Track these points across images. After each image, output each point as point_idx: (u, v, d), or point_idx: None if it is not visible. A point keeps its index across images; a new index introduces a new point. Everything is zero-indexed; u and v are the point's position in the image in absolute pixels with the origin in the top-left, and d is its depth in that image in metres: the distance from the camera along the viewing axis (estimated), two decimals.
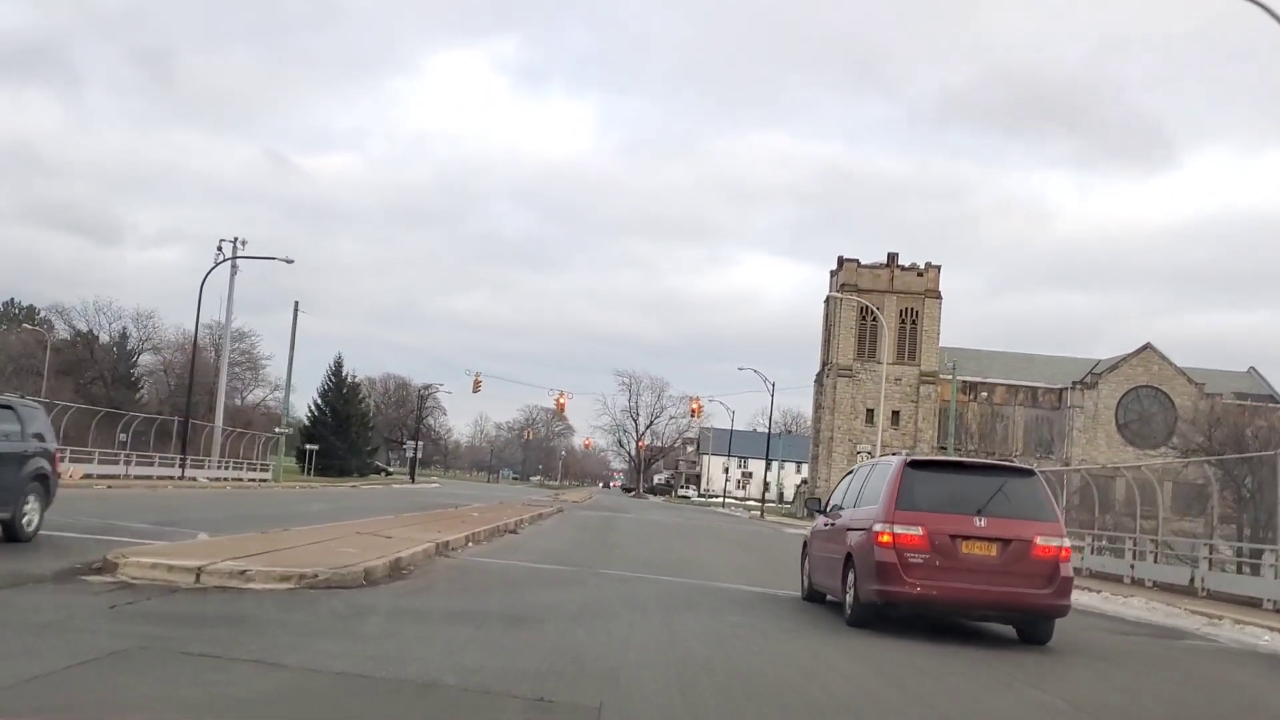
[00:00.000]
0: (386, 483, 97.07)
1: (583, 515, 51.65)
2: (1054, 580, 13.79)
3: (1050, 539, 13.94)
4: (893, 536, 13.72)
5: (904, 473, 14.39)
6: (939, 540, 13.65)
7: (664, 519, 58.71)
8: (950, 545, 13.65)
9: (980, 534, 13.72)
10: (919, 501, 14.03)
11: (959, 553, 13.65)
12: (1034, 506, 14.31)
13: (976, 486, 14.35)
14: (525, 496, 76.28)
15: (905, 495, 14.09)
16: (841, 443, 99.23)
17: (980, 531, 13.72)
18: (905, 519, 13.80)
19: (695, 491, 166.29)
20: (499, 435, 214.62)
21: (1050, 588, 13.76)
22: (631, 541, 30.58)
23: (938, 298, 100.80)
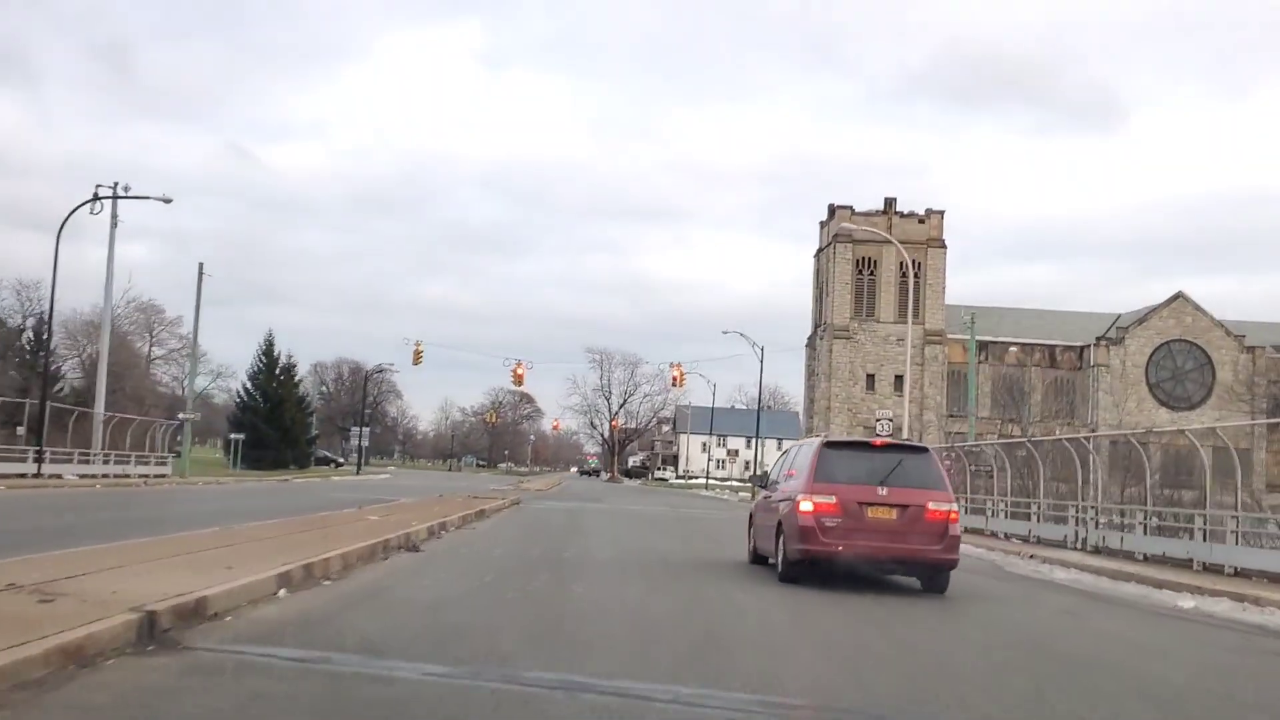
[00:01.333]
0: (326, 475, 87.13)
1: (541, 509, 41.53)
2: (944, 538, 16.44)
3: (940, 504, 16.54)
4: (813, 504, 16.41)
5: (821, 452, 17.29)
6: (849, 507, 16.33)
7: (647, 509, 48.67)
8: (858, 510, 16.33)
9: (883, 501, 16.39)
10: (834, 475, 16.74)
11: (866, 517, 16.33)
12: (928, 478, 16.91)
13: (881, 462, 17.00)
14: (482, 486, 67.93)
15: (822, 471, 16.82)
16: (841, 412, 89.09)
17: (883, 499, 16.39)
18: (821, 490, 16.53)
19: (673, 473, 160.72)
20: (464, 420, 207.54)
21: (941, 544, 16.41)
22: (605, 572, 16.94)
23: (942, 247, 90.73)
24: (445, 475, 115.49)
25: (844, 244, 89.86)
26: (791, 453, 19.77)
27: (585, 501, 54.20)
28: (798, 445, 20.20)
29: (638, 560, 19.76)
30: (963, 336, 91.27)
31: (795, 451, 19.41)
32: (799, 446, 19.57)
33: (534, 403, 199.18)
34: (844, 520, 16.22)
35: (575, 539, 24.53)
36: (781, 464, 20.05)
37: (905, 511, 16.37)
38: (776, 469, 20.29)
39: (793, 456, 19.25)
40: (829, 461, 17.01)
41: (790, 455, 19.70)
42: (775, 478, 19.77)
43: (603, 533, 27.88)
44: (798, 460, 18.26)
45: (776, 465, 20.69)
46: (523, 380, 68.44)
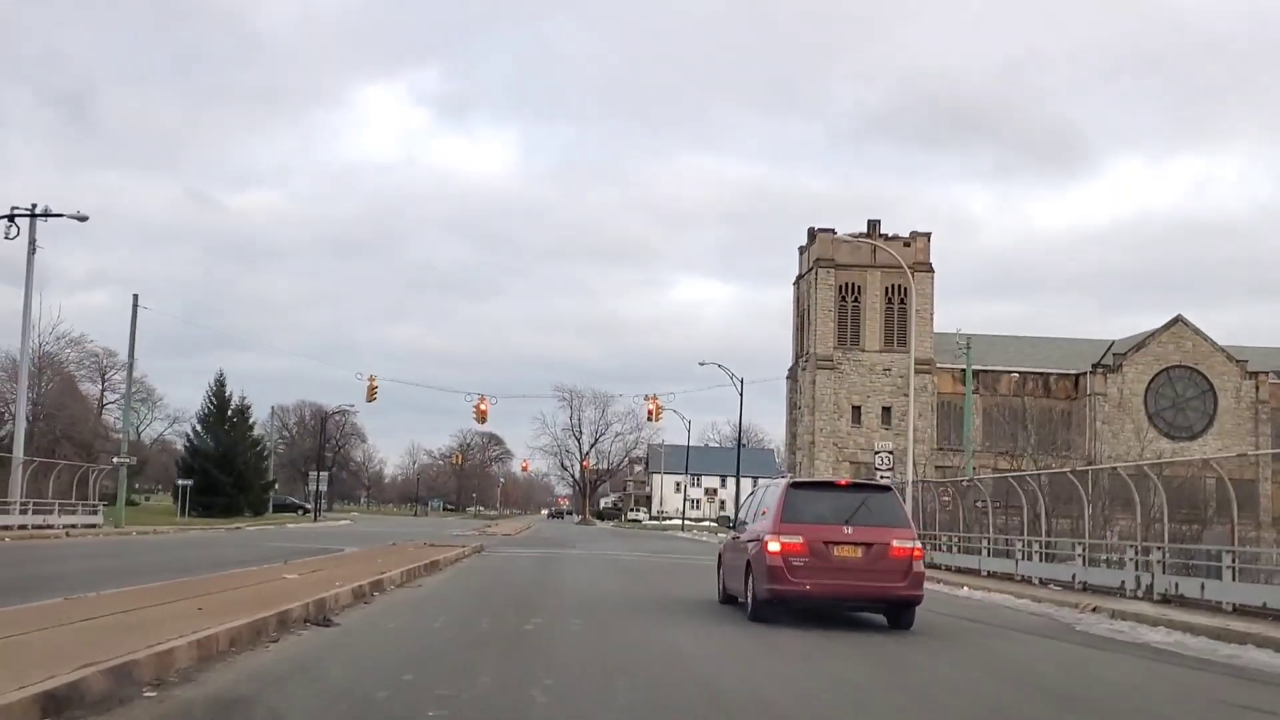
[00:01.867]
0: (283, 522, 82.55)
1: (506, 559, 37.04)
2: (908, 575, 16.71)
3: (904, 541, 16.92)
4: (780, 545, 16.66)
5: (788, 492, 17.66)
6: (816, 546, 16.64)
7: (626, 555, 44.26)
8: (825, 550, 16.64)
9: (848, 540, 16.73)
10: (800, 515, 17.02)
11: (832, 555, 16.64)
12: (891, 516, 17.37)
13: (846, 501, 17.52)
14: (445, 532, 63.72)
15: (789, 511, 17.08)
16: (825, 447, 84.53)
17: (848, 538, 16.74)
18: (789, 530, 16.78)
19: (646, 514, 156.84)
20: (431, 464, 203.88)
21: (905, 581, 16.70)
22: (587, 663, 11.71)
23: (929, 271, 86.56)
24: (409, 521, 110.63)
25: (826, 269, 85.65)
26: (759, 494, 20.20)
27: (556, 547, 49.68)
28: (764, 486, 20.65)
29: (630, 636, 15.05)
30: (952, 366, 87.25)
31: (762, 492, 19.82)
32: (766, 487, 19.99)
33: (503, 444, 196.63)
34: (811, 560, 16.60)
35: (544, 601, 19.78)
36: (749, 505, 20.55)
37: (870, 550, 16.75)
38: (745, 510, 20.87)
39: (760, 497, 19.63)
40: (795, 502, 17.41)
41: (757, 496, 20.09)
42: (743, 518, 20.34)
43: (578, 590, 23.06)
44: (765, 501, 18.68)
45: (745, 506, 21.32)
46: (486, 417, 63.67)
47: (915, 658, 13.83)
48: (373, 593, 19.05)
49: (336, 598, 16.54)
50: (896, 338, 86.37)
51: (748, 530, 18.84)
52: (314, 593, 16.14)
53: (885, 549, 16.75)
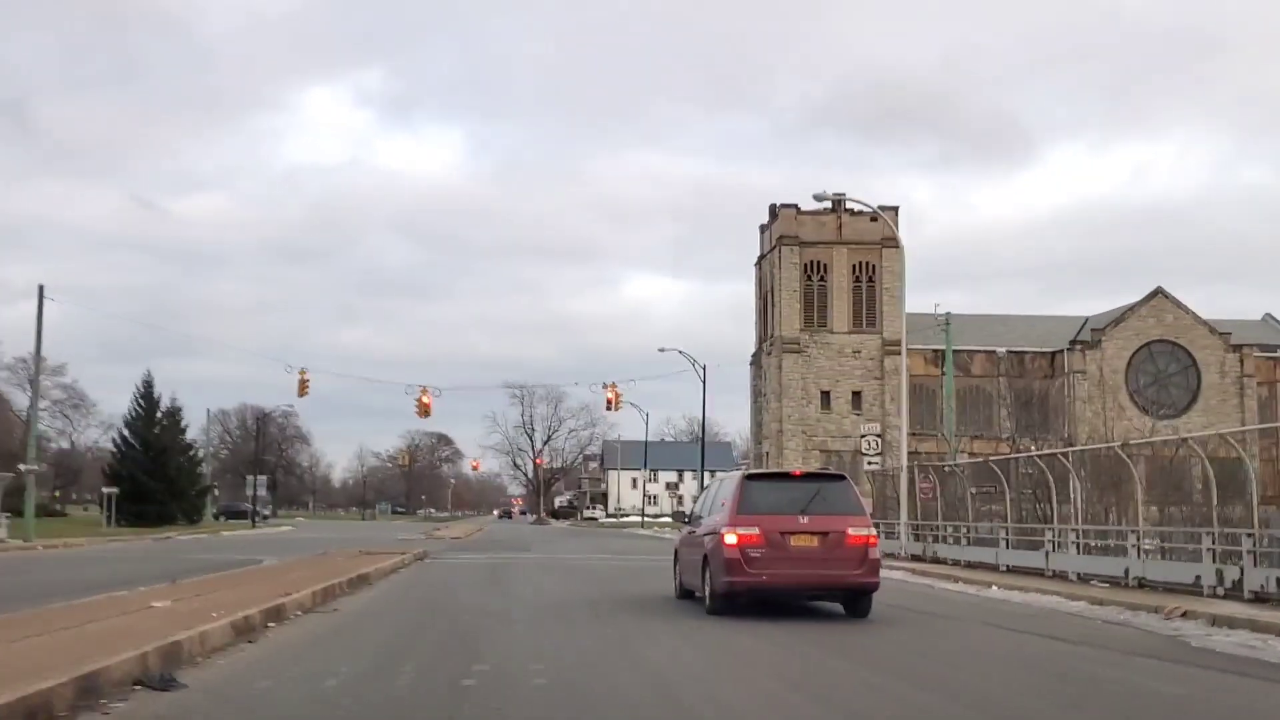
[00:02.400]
0: (217, 530, 77.17)
1: (452, 567, 32.80)
2: (864, 562, 16.86)
3: (860, 529, 17.01)
4: (737, 536, 16.68)
5: (743, 484, 17.67)
6: (772, 536, 16.66)
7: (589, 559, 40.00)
8: (781, 540, 16.68)
9: (804, 529, 16.82)
10: (756, 507, 17.03)
11: (789, 545, 16.73)
12: (847, 504, 17.42)
13: (801, 491, 17.54)
14: (388, 536, 59.30)
15: (745, 503, 17.07)
16: (794, 435, 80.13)
17: (804, 527, 16.82)
18: (744, 521, 16.80)
19: (603, 511, 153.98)
20: (380, 466, 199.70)
21: (862, 568, 16.85)
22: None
23: (896, 246, 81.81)
24: (355, 526, 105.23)
25: (790, 247, 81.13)
26: (714, 487, 20.27)
27: (510, 552, 45.11)
28: (720, 480, 20.46)
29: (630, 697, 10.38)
30: (923, 347, 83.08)
31: (718, 486, 19.78)
32: (721, 481, 19.98)
33: (452, 444, 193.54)
34: (767, 550, 16.64)
35: (493, 633, 15.05)
36: (705, 499, 20.62)
37: (826, 538, 16.83)
38: (701, 504, 20.82)
39: (715, 491, 19.65)
40: (751, 493, 17.40)
41: (713, 490, 20.16)
42: (699, 512, 20.20)
43: (538, 613, 18.31)
44: (720, 494, 18.68)
45: (700, 501, 21.48)
46: (429, 410, 58.75)
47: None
48: (266, 624, 14.42)
49: (203, 637, 11.90)
50: (865, 318, 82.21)
51: (704, 524, 18.75)
52: (172, 632, 11.51)
53: (841, 537, 16.81)
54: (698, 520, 19.71)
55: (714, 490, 19.90)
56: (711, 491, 20.12)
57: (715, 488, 19.97)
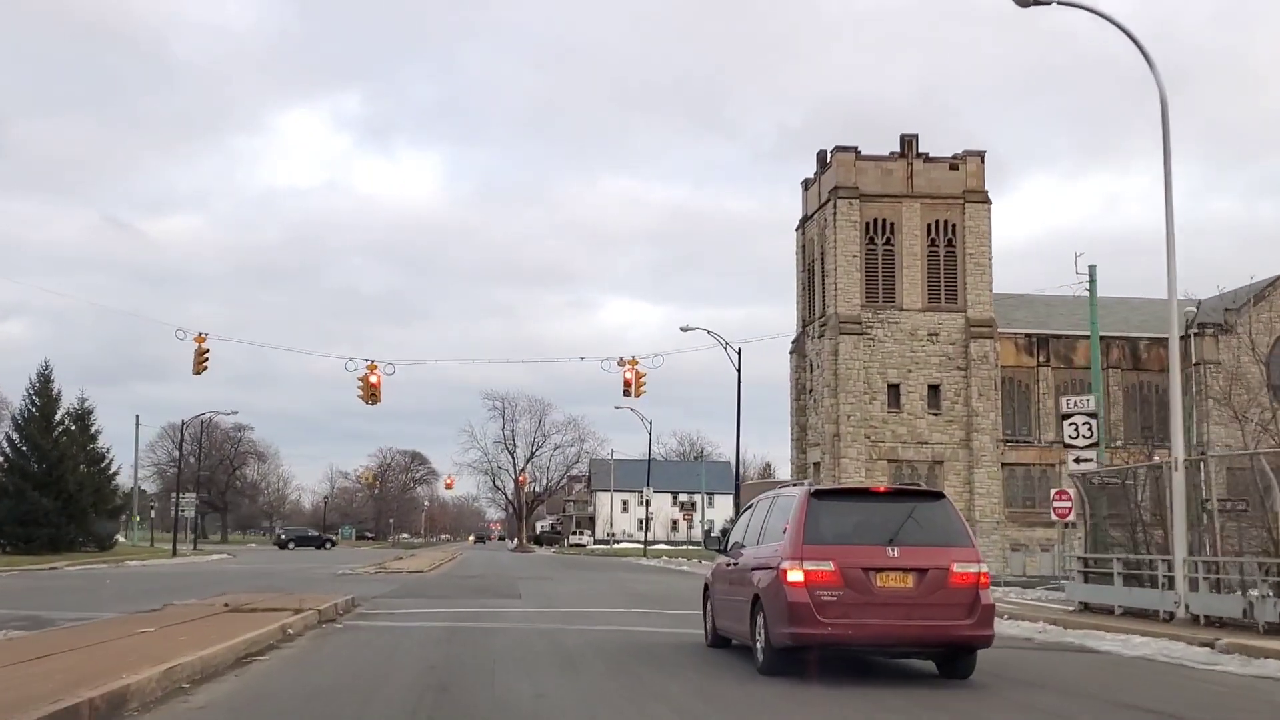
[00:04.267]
0: (122, 559, 62.92)
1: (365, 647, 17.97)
2: (974, 609, 13.49)
3: (968, 565, 13.63)
4: (803, 574, 13.25)
5: (810, 504, 13.94)
6: (852, 574, 13.24)
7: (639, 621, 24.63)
8: (864, 579, 13.24)
9: (894, 564, 13.33)
10: (827, 534, 13.62)
11: (874, 586, 13.25)
12: (947, 531, 13.95)
13: (885, 514, 14.01)
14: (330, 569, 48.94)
15: (813, 528, 13.60)
16: (855, 440, 62.93)
17: (894, 562, 13.34)
18: (815, 554, 13.35)
19: (590, 537, 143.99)
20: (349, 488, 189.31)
21: (971, 617, 13.45)
22: None
23: (985, 201, 65.15)
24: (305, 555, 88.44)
25: (848, 200, 64.21)
26: (762, 506, 16.19)
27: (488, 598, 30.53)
28: (770, 496, 16.23)
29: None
30: (1015, 330, 65.98)
31: (769, 505, 15.74)
32: (773, 498, 15.91)
33: (427, 463, 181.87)
34: (846, 592, 13.26)
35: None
36: (749, 521, 16.56)
37: (924, 577, 13.45)
38: (741, 528, 17.02)
39: (763, 512, 15.83)
40: (821, 516, 13.89)
41: (760, 511, 16.15)
42: (740, 539, 16.57)
43: None
44: (773, 516, 15.07)
45: (741, 523, 17.35)
46: (378, 393, 41.85)
47: None
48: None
49: None
50: (944, 292, 64.89)
51: (748, 555, 15.43)
52: None
53: (943, 576, 13.43)
54: (737, 550, 16.23)
55: (761, 511, 15.85)
56: (757, 513, 16.09)
57: (764, 508, 15.84)
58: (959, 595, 13.42)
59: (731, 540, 17.13)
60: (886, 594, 13.24)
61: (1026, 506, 62.78)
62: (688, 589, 39.90)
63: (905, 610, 13.22)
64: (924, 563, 13.40)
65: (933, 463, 60.94)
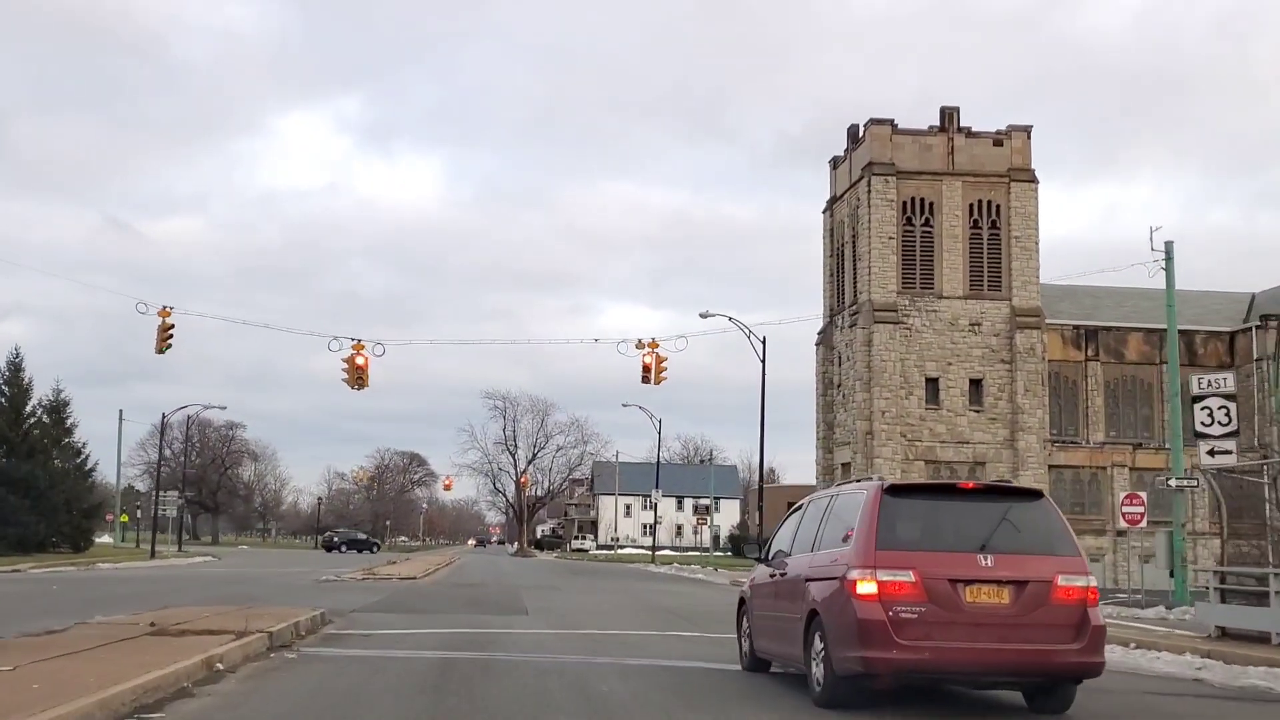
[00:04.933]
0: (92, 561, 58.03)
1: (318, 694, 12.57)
2: (1083, 631, 11.46)
3: (1074, 578, 11.62)
4: (877, 586, 11.23)
5: (882, 501, 11.83)
6: (936, 587, 11.25)
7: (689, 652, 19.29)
8: (951, 593, 11.28)
9: (988, 576, 11.39)
10: (905, 539, 11.62)
11: (962, 602, 11.29)
12: (1048, 537, 11.94)
13: (974, 515, 12.00)
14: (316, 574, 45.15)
15: (886, 531, 11.59)
16: (890, 438, 57.78)
17: (987, 573, 11.39)
18: (892, 561, 11.33)
19: (593, 542, 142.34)
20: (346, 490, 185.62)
21: (1079, 641, 11.43)
22: None
23: (1031, 181, 60.06)
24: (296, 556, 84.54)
25: (884, 177, 59.05)
26: (816, 508, 13.99)
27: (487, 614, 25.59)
28: (825, 495, 14.07)
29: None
30: (1063, 322, 60.77)
31: (825, 506, 13.55)
32: (830, 498, 13.70)
33: (426, 465, 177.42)
34: (929, 609, 11.21)
35: None
36: (798, 525, 14.34)
37: (1022, 591, 11.43)
38: (788, 533, 14.66)
39: (821, 514, 13.51)
40: (896, 517, 11.79)
41: (815, 512, 13.85)
42: (785, 546, 14.43)
43: None
44: (833, 519, 12.94)
45: (787, 527, 14.90)
46: (364, 376, 36.84)
47: None
48: None
49: None
50: (988, 278, 59.68)
51: (796, 563, 13.44)
52: None
53: (1045, 590, 11.44)
54: (781, 559, 14.13)
55: (815, 514, 13.69)
56: (809, 516, 13.91)
57: (817, 510, 13.69)
58: (1064, 613, 11.48)
59: (774, 548, 14.95)
60: (978, 611, 11.31)
61: (1075, 513, 57.61)
62: (719, 603, 34.94)
63: (1000, 631, 11.29)
64: (1022, 574, 11.49)
65: (974, 464, 55.91)
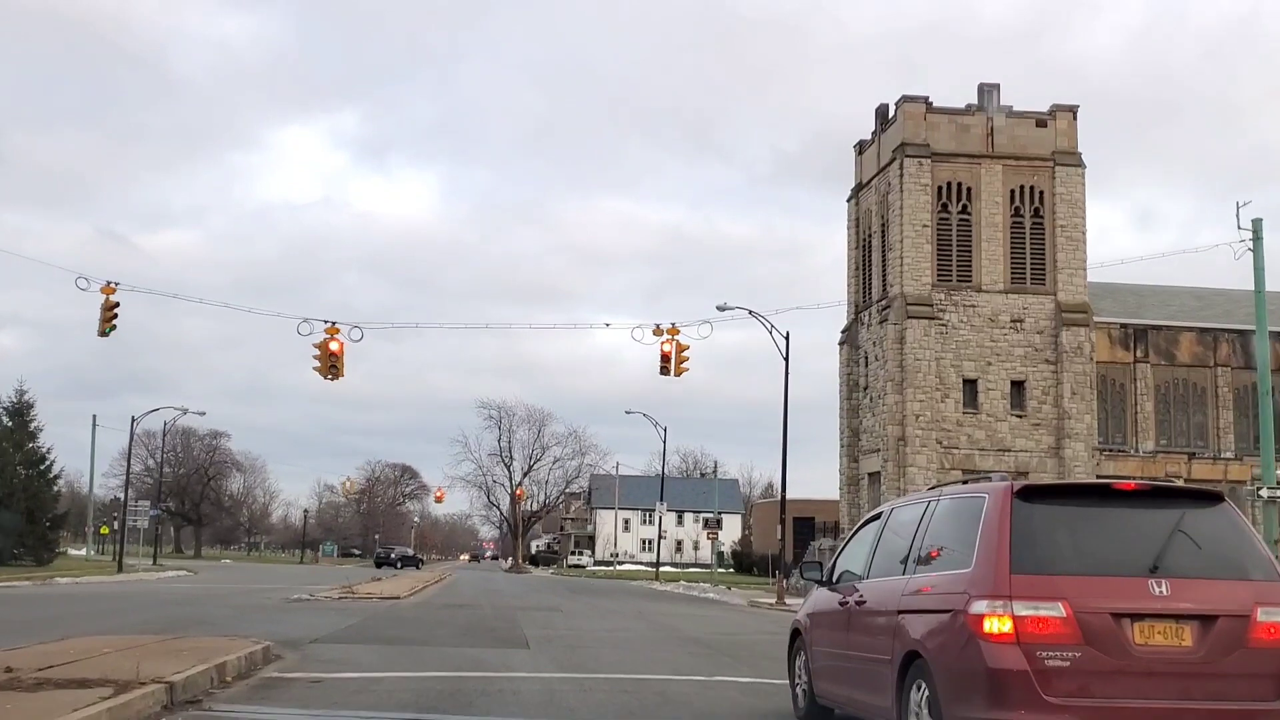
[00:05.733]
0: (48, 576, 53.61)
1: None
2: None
3: (1277, 610, 8.47)
4: (1014, 622, 8.23)
5: (1015, 509, 8.69)
6: (1096, 624, 8.25)
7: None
8: (1115, 632, 8.28)
9: (1163, 609, 8.35)
10: (1047, 558, 8.55)
11: (1131, 644, 8.29)
12: (1237, 554, 8.81)
13: (1138, 525, 8.83)
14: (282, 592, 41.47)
15: (1023, 548, 8.52)
16: (925, 444, 52.58)
17: (1163, 604, 8.35)
18: (1033, 589, 8.31)
19: (590, 557, 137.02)
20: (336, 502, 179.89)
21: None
22: None
23: (1079, 165, 54.94)
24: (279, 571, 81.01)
25: (917, 160, 53.87)
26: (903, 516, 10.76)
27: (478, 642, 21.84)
28: (922, 500, 10.53)
29: None
30: (1111, 320, 55.77)
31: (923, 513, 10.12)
32: (930, 502, 10.18)
33: (418, 477, 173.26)
34: (1086, 652, 8.19)
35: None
36: (877, 539, 11.09)
37: (1210, 629, 8.35)
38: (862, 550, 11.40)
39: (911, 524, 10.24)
40: (1035, 529, 8.65)
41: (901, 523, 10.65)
42: (856, 566, 11.34)
43: None
44: (930, 530, 9.77)
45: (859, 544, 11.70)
46: (339, 363, 31.77)
47: None
48: None
49: None
50: (1030, 270, 54.54)
51: (875, 588, 10.37)
52: None
53: (1240, 629, 8.34)
54: (851, 581, 11.09)
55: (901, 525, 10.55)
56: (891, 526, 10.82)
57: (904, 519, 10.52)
58: (1266, 660, 8.33)
59: (840, 568, 11.97)
60: (1151, 657, 8.27)
61: None
62: (751, 629, 29.87)
63: (1181, 684, 8.24)
64: (1209, 605, 8.40)
65: (1015, 474, 50.53)
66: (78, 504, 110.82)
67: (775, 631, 29.46)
